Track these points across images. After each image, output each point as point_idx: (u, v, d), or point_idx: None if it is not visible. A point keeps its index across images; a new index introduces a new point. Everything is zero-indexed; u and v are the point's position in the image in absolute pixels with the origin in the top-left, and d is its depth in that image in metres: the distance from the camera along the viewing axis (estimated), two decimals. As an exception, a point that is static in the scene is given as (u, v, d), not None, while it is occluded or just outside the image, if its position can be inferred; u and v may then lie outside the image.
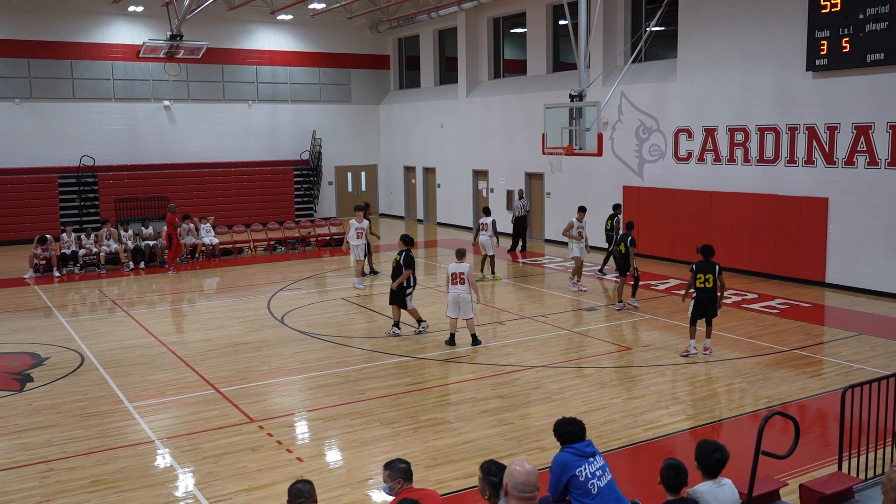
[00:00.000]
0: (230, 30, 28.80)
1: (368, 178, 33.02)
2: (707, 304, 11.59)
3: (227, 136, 29.40)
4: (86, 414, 9.72)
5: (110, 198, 26.69)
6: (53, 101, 26.47)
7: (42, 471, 8.03)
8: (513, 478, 4.51)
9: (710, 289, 11.53)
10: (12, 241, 24.80)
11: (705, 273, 11.53)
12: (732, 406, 9.85)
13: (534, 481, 4.53)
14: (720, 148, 18.72)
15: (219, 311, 15.60)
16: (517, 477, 4.50)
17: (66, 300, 17.31)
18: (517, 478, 4.50)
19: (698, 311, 11.65)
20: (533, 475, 4.53)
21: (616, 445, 8.50)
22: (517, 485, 4.49)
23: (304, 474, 7.74)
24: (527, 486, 4.50)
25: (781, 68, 17.15)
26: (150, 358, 12.27)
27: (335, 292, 17.46)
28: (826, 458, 7.90)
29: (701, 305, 11.61)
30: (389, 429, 9.08)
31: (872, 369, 10.94)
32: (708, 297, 11.56)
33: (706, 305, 11.59)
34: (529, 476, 4.52)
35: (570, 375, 11.10)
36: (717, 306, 11.66)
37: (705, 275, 11.53)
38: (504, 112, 25.65)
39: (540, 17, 24.34)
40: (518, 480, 4.50)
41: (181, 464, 8.20)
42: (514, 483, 4.50)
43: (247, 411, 9.72)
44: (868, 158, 15.70)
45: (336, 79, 31.53)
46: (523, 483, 4.49)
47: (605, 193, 21.87)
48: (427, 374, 11.24)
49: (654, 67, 20.76)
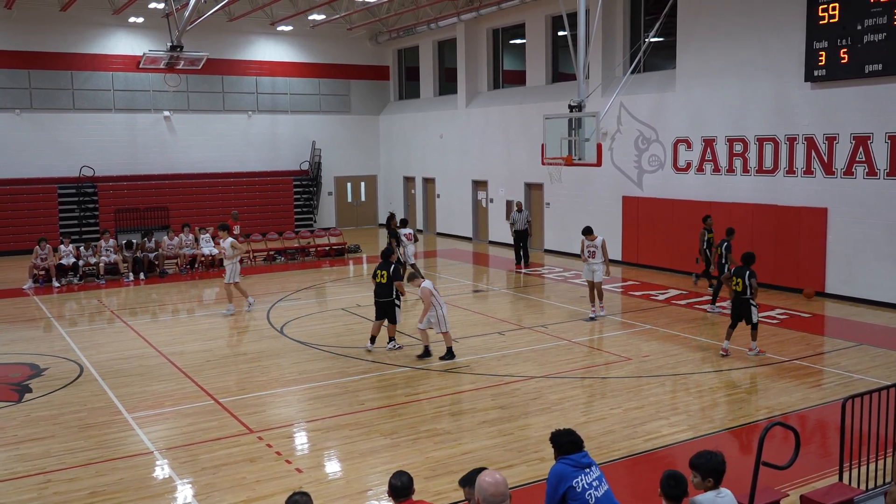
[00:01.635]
0: (230, 41, 28.89)
1: (368, 188, 33.05)
2: (737, 306, 12.28)
3: (227, 146, 29.45)
4: (84, 425, 9.69)
5: (110, 208, 26.71)
6: (54, 111, 26.52)
7: (40, 482, 8.00)
8: (482, 490, 4.45)
9: (740, 292, 12.15)
10: (11, 251, 24.79)
11: (737, 276, 12.24)
12: (733, 416, 9.82)
13: (504, 491, 4.47)
14: (719, 158, 18.75)
15: (218, 322, 15.59)
16: (486, 489, 4.44)
17: (64, 311, 17.30)
18: (486, 489, 4.44)
19: (733, 313, 12.47)
20: (502, 485, 4.46)
21: (616, 456, 8.47)
22: (487, 497, 4.43)
23: (303, 485, 7.72)
24: (496, 497, 4.43)
25: (780, 79, 17.20)
26: (149, 368, 12.25)
27: (334, 303, 17.44)
28: (827, 468, 7.87)
29: (734, 307, 12.41)
30: (389, 439, 9.05)
31: (873, 379, 10.92)
32: (738, 299, 12.23)
33: (738, 308, 12.29)
34: (499, 486, 4.45)
35: (569, 386, 11.07)
36: (746, 310, 12.20)
37: (736, 278, 12.22)
38: (503, 123, 25.71)
39: (539, 28, 24.43)
40: (488, 492, 4.43)
41: (180, 475, 8.17)
42: (485, 496, 4.44)
43: (246, 422, 9.70)
44: (867, 169, 15.72)
45: (336, 89, 31.61)
46: (492, 495, 4.43)
47: (604, 204, 21.90)
48: (426, 385, 11.21)
49: (653, 78, 20.82)
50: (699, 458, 5.17)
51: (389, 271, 12.77)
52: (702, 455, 5.17)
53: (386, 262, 12.93)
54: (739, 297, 12.19)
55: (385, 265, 12.87)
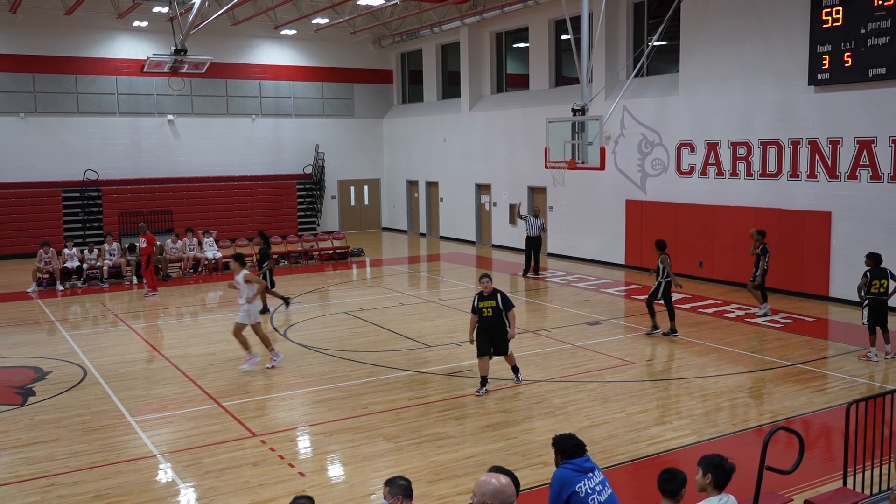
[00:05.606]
0: (234, 44, 28.95)
1: (371, 192, 33.08)
2: (881, 308, 11.99)
3: (231, 150, 29.50)
4: (88, 428, 9.70)
5: (114, 212, 26.74)
6: (58, 115, 26.59)
7: (44, 485, 8.01)
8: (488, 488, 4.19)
9: (884, 293, 11.98)
10: (16, 254, 24.84)
11: (879, 279, 11.99)
12: (736, 421, 9.81)
13: (511, 492, 4.27)
14: (723, 162, 18.73)
15: (221, 325, 15.59)
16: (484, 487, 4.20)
17: (68, 314, 17.32)
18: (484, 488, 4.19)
19: (873, 316, 12.02)
20: (508, 487, 4.19)
21: (619, 460, 8.46)
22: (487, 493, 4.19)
23: (306, 489, 7.72)
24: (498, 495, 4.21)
25: (783, 82, 17.19)
26: (153, 372, 12.26)
27: (337, 306, 17.45)
28: (831, 473, 7.85)
29: (875, 311, 12.00)
30: (392, 443, 9.05)
31: (877, 384, 10.89)
32: (881, 301, 11.98)
33: (880, 310, 11.99)
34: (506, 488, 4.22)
35: (572, 390, 11.06)
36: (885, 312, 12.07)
37: (879, 280, 11.99)
38: (507, 126, 25.71)
39: (542, 31, 24.45)
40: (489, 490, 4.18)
41: (183, 478, 8.18)
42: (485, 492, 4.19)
43: (249, 426, 9.70)
44: (871, 172, 15.70)
45: (339, 93, 31.65)
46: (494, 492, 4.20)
47: (607, 207, 21.89)
48: (429, 389, 11.21)
49: (657, 82, 20.81)
50: (709, 457, 5.17)
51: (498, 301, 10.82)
52: (713, 456, 5.18)
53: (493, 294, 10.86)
54: (882, 298, 11.95)
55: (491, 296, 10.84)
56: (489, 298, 10.77)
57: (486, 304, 10.77)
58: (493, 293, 10.82)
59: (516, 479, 4.63)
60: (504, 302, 10.77)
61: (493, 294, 10.81)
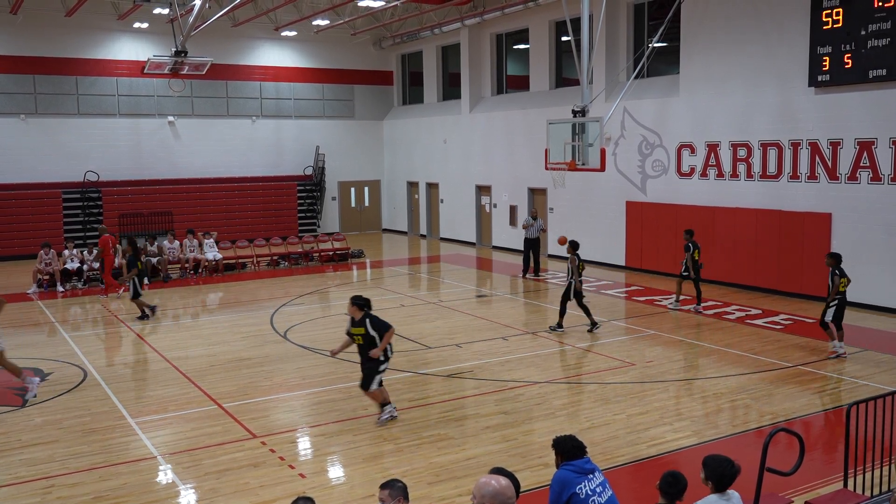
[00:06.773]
0: (234, 46, 28.96)
1: (372, 193, 33.08)
2: (844, 305, 12.47)
3: (231, 151, 29.51)
4: (88, 430, 9.70)
5: (114, 213, 26.73)
6: (58, 116, 26.60)
7: (44, 487, 8.00)
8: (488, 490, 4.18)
9: (845, 292, 12.44)
10: (16, 255, 24.84)
11: (844, 277, 12.34)
12: (737, 422, 9.80)
13: (511, 494, 4.20)
14: (723, 163, 18.74)
15: (221, 327, 15.59)
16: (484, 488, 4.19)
17: (68, 315, 17.32)
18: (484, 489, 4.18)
19: (840, 313, 12.40)
20: (508, 489, 4.20)
21: (620, 462, 8.46)
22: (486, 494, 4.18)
23: (306, 491, 7.72)
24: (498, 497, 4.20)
25: (784, 84, 17.19)
26: (153, 373, 12.26)
27: (338, 307, 17.44)
28: (832, 474, 7.85)
29: (841, 308, 12.40)
30: (392, 445, 9.05)
31: (877, 385, 10.89)
32: (845, 299, 12.48)
33: (844, 307, 12.45)
34: (506, 489, 4.20)
35: (573, 391, 11.06)
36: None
37: (847, 278, 12.39)
38: (507, 128, 25.72)
39: (542, 33, 24.46)
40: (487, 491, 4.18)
41: (183, 480, 8.17)
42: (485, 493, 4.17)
43: (249, 427, 9.70)
44: (871, 174, 15.70)
45: (340, 94, 31.66)
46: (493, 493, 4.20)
47: (608, 209, 21.89)
48: (430, 390, 11.21)
49: (657, 83, 20.82)
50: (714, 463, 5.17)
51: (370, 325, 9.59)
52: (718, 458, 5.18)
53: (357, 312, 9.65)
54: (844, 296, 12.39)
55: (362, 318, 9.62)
56: (358, 325, 9.45)
57: (356, 330, 9.49)
58: (362, 319, 9.46)
59: (517, 481, 4.65)
60: (375, 326, 9.42)
61: (362, 320, 9.45)
